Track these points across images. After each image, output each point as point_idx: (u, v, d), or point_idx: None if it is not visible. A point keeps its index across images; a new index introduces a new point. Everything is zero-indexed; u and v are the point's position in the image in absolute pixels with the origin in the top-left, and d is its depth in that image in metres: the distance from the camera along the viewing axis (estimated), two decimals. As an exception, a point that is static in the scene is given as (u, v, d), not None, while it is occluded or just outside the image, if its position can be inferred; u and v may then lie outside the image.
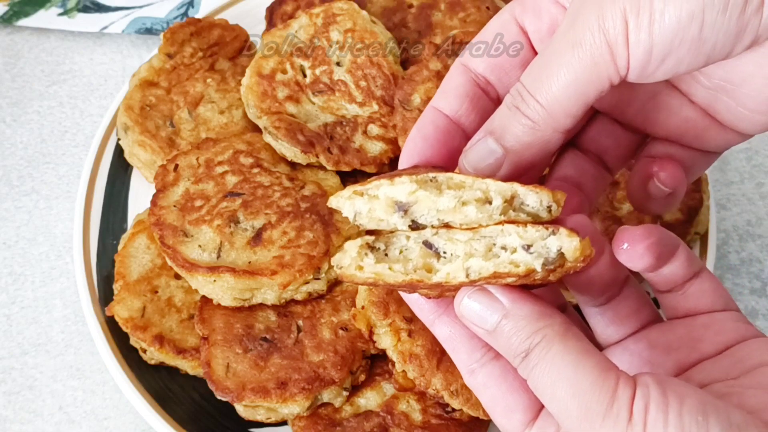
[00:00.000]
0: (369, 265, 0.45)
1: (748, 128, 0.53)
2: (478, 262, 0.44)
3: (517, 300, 0.45)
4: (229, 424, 0.77)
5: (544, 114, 0.46)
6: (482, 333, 0.46)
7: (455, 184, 0.46)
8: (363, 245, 0.46)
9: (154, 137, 0.89)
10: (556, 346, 0.43)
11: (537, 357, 0.43)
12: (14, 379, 0.86)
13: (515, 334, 0.44)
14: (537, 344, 0.43)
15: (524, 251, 0.44)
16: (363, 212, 0.47)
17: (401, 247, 0.46)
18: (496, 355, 0.49)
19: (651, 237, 0.48)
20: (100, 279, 0.84)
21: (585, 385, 0.41)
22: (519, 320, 0.44)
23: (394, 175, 0.47)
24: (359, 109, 0.88)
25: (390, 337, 0.72)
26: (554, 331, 0.44)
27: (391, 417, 0.73)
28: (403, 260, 0.46)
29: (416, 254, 0.46)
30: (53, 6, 1.16)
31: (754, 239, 0.97)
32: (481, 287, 0.46)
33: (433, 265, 0.45)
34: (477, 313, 0.45)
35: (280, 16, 0.99)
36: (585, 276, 0.50)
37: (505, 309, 0.45)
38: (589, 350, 0.43)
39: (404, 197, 0.46)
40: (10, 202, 1.00)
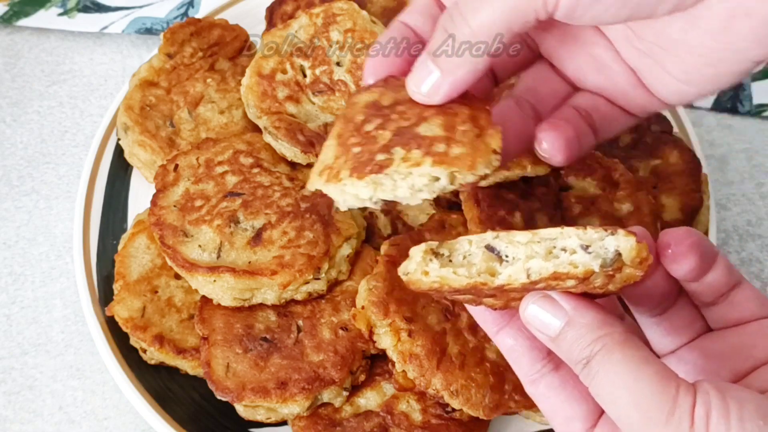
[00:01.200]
0: (434, 269, 0.47)
1: (670, 96, 0.56)
2: (538, 262, 0.45)
3: (580, 307, 0.46)
4: (229, 424, 0.77)
5: (472, 37, 0.51)
6: (545, 339, 0.47)
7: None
8: (427, 251, 0.47)
9: (154, 137, 0.89)
10: (616, 354, 0.44)
11: (598, 364, 0.44)
12: (14, 379, 0.86)
13: (577, 341, 0.45)
14: (598, 351, 0.44)
15: (583, 251, 0.45)
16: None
17: (464, 252, 0.48)
18: (556, 366, 0.51)
19: (692, 236, 0.49)
20: (100, 279, 0.84)
21: (646, 392, 0.42)
22: (581, 327, 0.45)
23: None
24: (359, 109, 0.88)
25: (390, 337, 0.72)
26: (614, 339, 0.44)
27: (391, 417, 0.73)
28: (467, 264, 0.47)
29: (479, 258, 0.47)
30: (53, 6, 1.16)
31: (754, 239, 0.97)
32: (546, 294, 0.47)
33: (496, 269, 0.46)
34: (541, 319, 0.47)
35: (280, 16, 0.99)
36: (642, 288, 0.51)
37: (568, 315, 0.46)
38: (649, 358, 0.44)
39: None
40: (10, 202, 1.00)
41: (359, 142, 0.64)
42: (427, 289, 0.47)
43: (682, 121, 0.94)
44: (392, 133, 0.62)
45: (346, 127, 0.67)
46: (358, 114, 0.68)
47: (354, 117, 0.67)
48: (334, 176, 0.62)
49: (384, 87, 0.67)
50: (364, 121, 0.66)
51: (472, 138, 0.60)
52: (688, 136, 0.93)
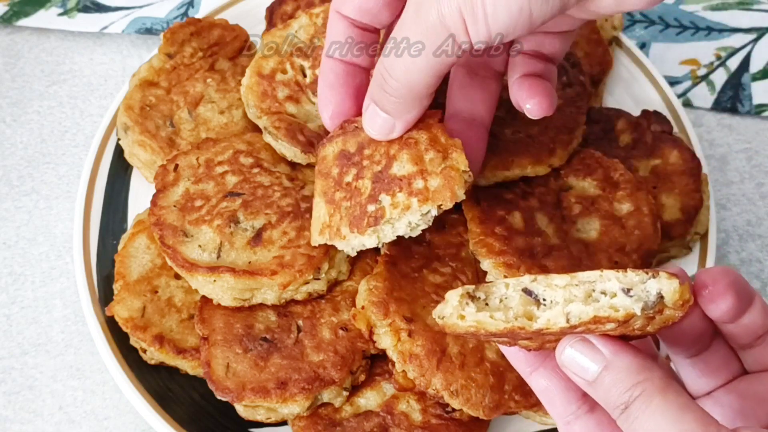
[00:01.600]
0: (470, 314, 0.46)
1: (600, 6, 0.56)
2: (578, 306, 0.45)
3: (619, 352, 0.45)
4: (229, 424, 0.77)
5: (404, 91, 0.58)
6: (582, 383, 0.47)
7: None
8: (464, 294, 0.47)
9: (154, 137, 0.89)
10: (656, 400, 0.43)
11: (637, 410, 0.43)
12: (14, 379, 0.86)
13: (615, 385, 0.45)
14: (637, 397, 0.44)
15: (624, 294, 0.44)
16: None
17: (501, 295, 0.47)
18: (591, 408, 0.50)
19: (729, 276, 0.49)
20: (100, 279, 0.84)
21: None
22: (620, 372, 0.45)
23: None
24: (359, 109, 0.88)
25: (390, 337, 0.72)
26: (654, 384, 0.44)
27: (391, 417, 0.73)
28: (504, 308, 0.47)
29: (516, 302, 0.46)
30: (53, 6, 1.16)
31: (754, 239, 0.97)
32: (583, 338, 0.46)
33: (534, 312, 0.46)
34: (578, 362, 0.46)
35: (280, 16, 0.99)
36: (678, 328, 0.50)
37: (606, 360, 0.45)
38: (689, 405, 0.43)
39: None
40: (10, 202, 1.00)
41: (345, 196, 0.73)
42: (463, 333, 0.47)
43: (682, 120, 0.94)
44: (371, 181, 0.70)
45: (326, 183, 0.75)
46: (332, 167, 0.75)
47: (330, 171, 0.74)
48: (335, 234, 0.71)
49: (344, 134, 0.75)
50: (341, 174, 0.74)
51: (440, 164, 0.68)
52: (688, 135, 0.93)
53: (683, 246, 0.85)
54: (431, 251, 0.79)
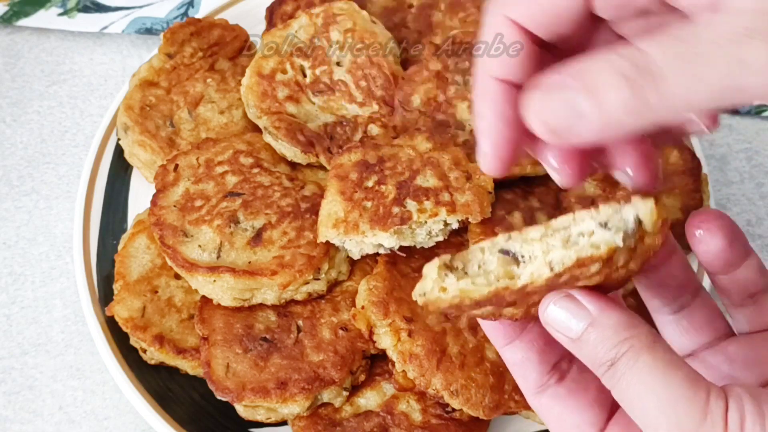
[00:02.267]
0: (451, 284, 0.45)
1: None
2: (559, 253, 0.43)
3: (605, 308, 0.44)
4: (229, 424, 0.77)
5: (664, 109, 0.38)
6: (566, 341, 0.45)
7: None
8: (441, 266, 0.46)
9: (154, 137, 0.89)
10: (643, 356, 0.42)
11: (624, 367, 0.42)
12: (14, 379, 0.86)
13: (601, 342, 0.43)
14: (624, 354, 0.43)
15: (602, 229, 0.43)
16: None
17: (479, 261, 0.46)
18: (561, 376, 0.50)
19: (723, 218, 0.48)
20: (100, 279, 0.84)
21: (675, 397, 0.41)
22: (606, 328, 0.44)
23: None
24: (359, 109, 0.88)
25: (390, 337, 0.72)
26: (641, 341, 0.43)
27: (391, 417, 0.73)
28: (484, 273, 0.45)
29: (495, 264, 0.45)
30: (53, 6, 1.16)
31: (754, 239, 0.97)
32: (568, 294, 0.45)
33: (514, 271, 0.44)
34: (562, 320, 0.45)
35: (280, 16, 0.99)
36: (658, 277, 0.50)
37: (592, 317, 0.44)
38: (677, 362, 0.42)
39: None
40: (10, 202, 1.00)
41: (366, 197, 0.76)
42: (447, 306, 0.45)
43: (682, 121, 0.94)
44: (395, 187, 0.72)
45: (344, 184, 0.77)
46: (350, 172, 0.78)
47: (348, 175, 0.77)
48: (352, 229, 0.74)
49: (363, 147, 0.80)
50: (360, 179, 0.77)
51: (465, 182, 0.75)
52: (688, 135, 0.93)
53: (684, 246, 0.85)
54: (431, 251, 0.79)
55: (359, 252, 0.77)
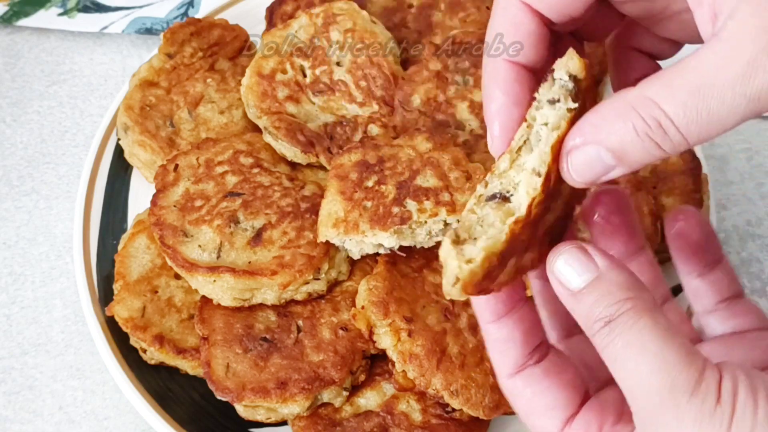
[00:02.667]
0: (473, 251, 0.44)
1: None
2: (533, 159, 0.43)
3: (612, 265, 0.44)
4: (229, 424, 0.77)
5: (681, 143, 0.41)
6: (565, 294, 0.45)
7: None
8: (452, 243, 0.44)
9: (154, 137, 0.89)
10: (644, 318, 0.42)
11: (623, 325, 0.42)
12: (14, 379, 0.86)
13: (603, 297, 0.43)
14: (624, 312, 0.42)
15: (552, 108, 0.43)
16: None
17: (477, 221, 0.45)
18: (540, 358, 0.49)
19: (699, 216, 0.49)
20: (100, 279, 0.84)
21: (673, 361, 0.41)
22: (611, 284, 0.43)
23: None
24: (359, 109, 0.88)
25: (390, 337, 0.72)
26: (644, 303, 0.43)
27: (391, 417, 0.73)
28: (490, 226, 0.44)
29: (492, 213, 0.45)
30: (53, 6, 1.16)
31: (754, 239, 0.97)
32: (579, 245, 0.45)
33: (512, 206, 0.44)
34: (569, 269, 0.44)
35: (280, 16, 0.99)
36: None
37: (599, 270, 0.44)
38: (674, 330, 0.42)
39: None
40: (10, 202, 1.00)
41: (366, 196, 0.76)
42: (482, 276, 0.43)
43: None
44: (395, 187, 0.72)
45: (344, 184, 0.77)
46: (350, 172, 0.78)
47: (348, 174, 0.77)
48: (352, 228, 0.74)
49: (363, 147, 0.80)
50: (360, 179, 0.78)
51: (465, 183, 0.73)
52: (688, 136, 0.93)
53: (683, 246, 0.85)
54: (431, 251, 0.79)
55: (359, 252, 0.77)
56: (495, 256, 0.43)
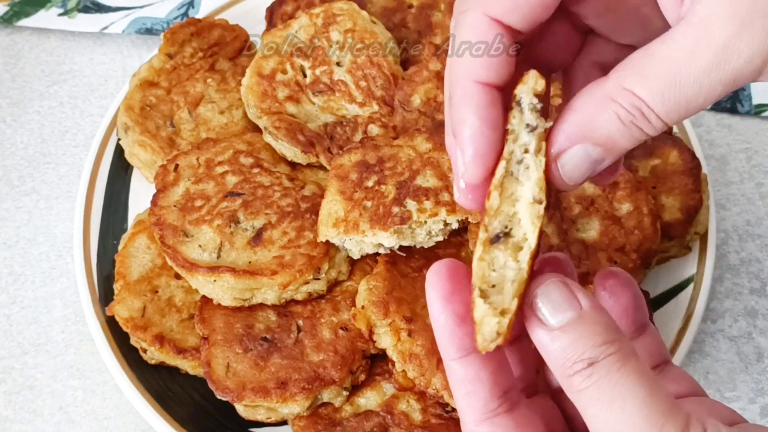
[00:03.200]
0: (504, 300, 0.43)
1: None
2: (529, 186, 0.43)
3: (597, 307, 0.43)
4: (230, 424, 0.77)
5: (663, 127, 0.42)
6: (542, 331, 0.43)
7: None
8: (481, 299, 0.43)
9: (155, 137, 0.89)
10: (632, 362, 0.41)
11: (609, 368, 0.41)
12: (14, 379, 0.86)
13: (586, 338, 0.42)
14: (611, 354, 0.41)
15: (531, 133, 0.44)
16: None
17: (489, 266, 0.44)
18: (511, 406, 0.46)
19: (629, 280, 0.49)
20: (101, 279, 0.84)
21: (660, 408, 0.40)
22: (594, 325, 0.42)
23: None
24: (359, 109, 0.88)
25: (390, 336, 0.72)
26: (629, 348, 0.42)
27: (391, 417, 0.73)
28: (502, 268, 0.44)
29: (501, 254, 0.44)
30: (53, 6, 1.16)
31: (754, 239, 0.97)
32: (563, 280, 0.43)
33: (516, 241, 0.44)
34: (552, 304, 0.43)
35: (280, 16, 0.99)
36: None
37: (581, 309, 0.43)
38: (658, 380, 0.42)
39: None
40: (10, 202, 1.00)
41: (366, 196, 0.76)
42: (516, 318, 0.43)
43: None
44: (395, 187, 0.72)
45: (344, 184, 0.77)
46: (350, 172, 0.78)
47: (348, 175, 0.77)
48: (352, 228, 0.74)
49: (363, 148, 0.80)
50: (360, 179, 0.78)
51: None
52: (687, 135, 0.93)
53: (683, 246, 0.85)
54: (431, 251, 0.79)
55: (359, 252, 0.77)
56: (521, 298, 0.43)
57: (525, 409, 0.46)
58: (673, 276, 0.86)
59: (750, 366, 0.88)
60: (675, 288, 0.85)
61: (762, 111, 1.07)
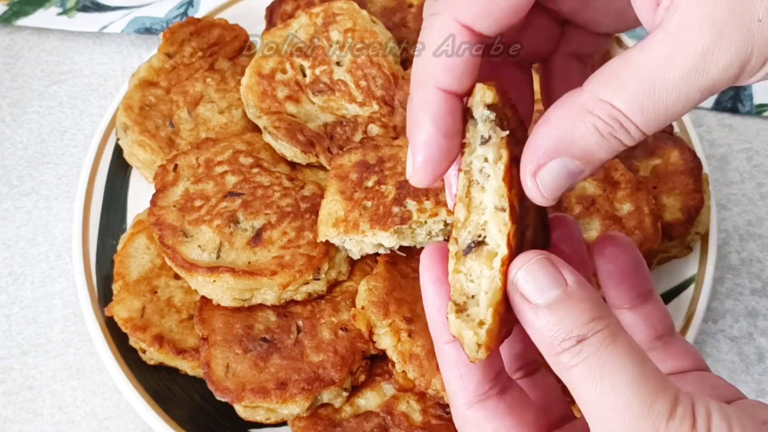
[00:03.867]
0: (480, 311, 0.42)
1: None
2: (489, 195, 0.43)
3: (583, 282, 0.42)
4: (229, 424, 0.77)
5: (642, 137, 0.41)
6: (527, 308, 0.42)
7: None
8: (455, 315, 0.43)
9: (154, 137, 0.89)
10: (621, 339, 0.40)
11: (598, 345, 0.40)
12: (14, 379, 0.86)
13: (573, 315, 0.41)
14: (600, 331, 0.40)
15: (485, 146, 0.44)
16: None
17: (465, 277, 0.44)
18: (503, 388, 0.46)
19: (629, 243, 0.48)
20: (100, 279, 0.84)
21: (650, 384, 0.39)
22: (582, 302, 0.41)
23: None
24: (359, 109, 0.88)
25: (390, 337, 0.72)
26: (617, 325, 0.41)
27: (391, 417, 0.73)
28: (478, 277, 0.43)
29: (477, 265, 0.44)
30: (53, 5, 1.16)
31: (755, 239, 0.96)
32: (547, 256, 0.43)
33: (490, 249, 0.44)
34: (535, 282, 0.42)
35: (280, 15, 0.99)
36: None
37: (568, 286, 0.41)
38: (647, 354, 0.41)
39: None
40: (9, 202, 1.00)
41: (366, 196, 0.76)
42: (499, 328, 0.42)
43: (682, 120, 0.94)
44: (395, 187, 0.72)
45: (344, 184, 0.77)
46: (350, 172, 0.78)
47: (348, 175, 0.77)
48: (352, 228, 0.74)
49: (363, 148, 0.80)
50: (360, 179, 0.77)
51: None
52: (688, 135, 0.93)
53: (684, 246, 0.85)
54: (431, 251, 0.79)
55: (359, 252, 0.77)
56: (500, 304, 0.42)
57: (517, 392, 0.46)
58: (674, 276, 0.85)
59: (751, 366, 0.88)
60: (676, 288, 0.85)
61: (763, 111, 1.07)
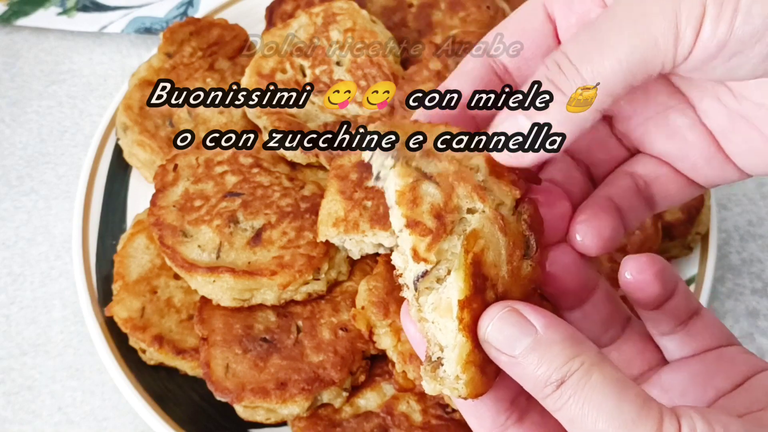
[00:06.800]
0: (451, 367, 0.42)
1: (755, 167, 0.49)
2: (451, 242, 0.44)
3: (551, 323, 0.42)
4: (229, 424, 0.77)
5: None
6: (505, 360, 0.42)
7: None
8: (429, 376, 0.43)
9: (154, 137, 0.89)
10: (595, 374, 0.40)
11: (574, 386, 0.40)
12: (13, 379, 0.86)
13: (547, 361, 0.41)
14: (575, 371, 0.40)
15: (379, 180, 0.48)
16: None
17: (432, 327, 0.44)
18: (520, 416, 0.46)
19: (656, 264, 0.47)
20: (100, 279, 0.84)
21: (630, 416, 0.39)
22: (554, 344, 0.41)
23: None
24: (359, 108, 0.88)
25: (390, 337, 0.72)
26: (592, 359, 0.41)
27: (391, 417, 0.73)
28: (441, 331, 0.44)
29: (439, 302, 0.44)
30: (52, 5, 1.16)
31: (755, 239, 0.96)
32: (511, 308, 0.42)
33: (439, 275, 0.45)
34: (505, 336, 0.42)
35: (280, 15, 0.99)
36: (582, 313, 0.49)
37: (537, 332, 0.41)
38: (626, 380, 0.41)
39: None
40: (9, 202, 1.00)
41: (366, 196, 0.74)
42: (480, 371, 0.42)
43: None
44: None
45: (344, 184, 0.76)
46: (350, 172, 0.77)
47: (348, 175, 0.78)
48: (352, 228, 0.73)
49: None
50: (361, 179, 0.76)
51: None
52: (688, 135, 0.93)
53: (684, 246, 0.85)
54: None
55: (359, 252, 0.76)
56: (471, 354, 0.42)
57: (537, 416, 0.46)
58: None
59: (751, 366, 0.88)
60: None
61: (763, 110, 1.07)
